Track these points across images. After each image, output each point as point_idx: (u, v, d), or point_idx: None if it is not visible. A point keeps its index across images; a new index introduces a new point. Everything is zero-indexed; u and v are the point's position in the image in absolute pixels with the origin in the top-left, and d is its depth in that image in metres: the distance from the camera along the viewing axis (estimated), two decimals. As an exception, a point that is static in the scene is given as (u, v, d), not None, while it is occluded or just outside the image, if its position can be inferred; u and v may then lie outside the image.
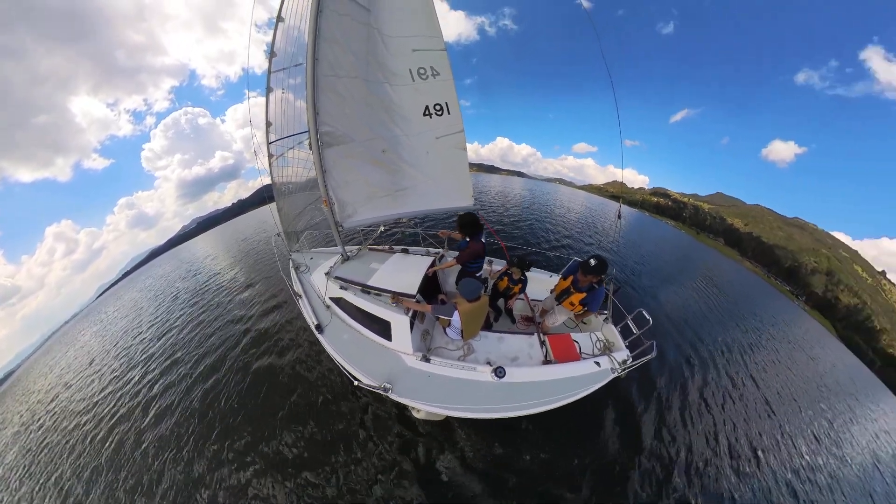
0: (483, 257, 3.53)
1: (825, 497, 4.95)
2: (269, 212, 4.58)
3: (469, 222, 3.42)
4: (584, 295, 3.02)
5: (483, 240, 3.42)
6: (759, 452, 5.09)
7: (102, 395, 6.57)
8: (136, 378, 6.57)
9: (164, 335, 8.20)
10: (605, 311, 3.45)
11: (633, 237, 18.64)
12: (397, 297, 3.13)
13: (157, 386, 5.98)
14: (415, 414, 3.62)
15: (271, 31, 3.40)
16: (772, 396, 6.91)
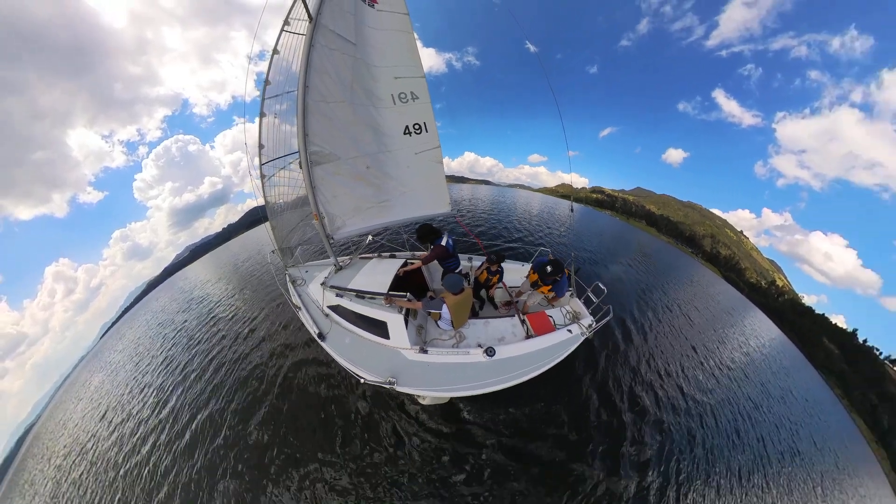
0: (451, 257, 3.43)
1: (727, 367, 7.49)
2: (258, 234, 4.18)
3: (424, 233, 3.39)
4: (551, 286, 3.20)
5: (444, 242, 3.32)
6: (688, 343, 7.34)
7: (117, 461, 5.17)
8: (149, 436, 5.31)
9: (170, 377, 6.80)
10: (570, 288, 3.59)
11: (583, 226, 20.35)
12: (391, 299, 3.00)
13: (162, 443, 4.86)
14: (421, 401, 3.54)
15: (262, 63, 3.24)
16: (691, 314, 9.89)
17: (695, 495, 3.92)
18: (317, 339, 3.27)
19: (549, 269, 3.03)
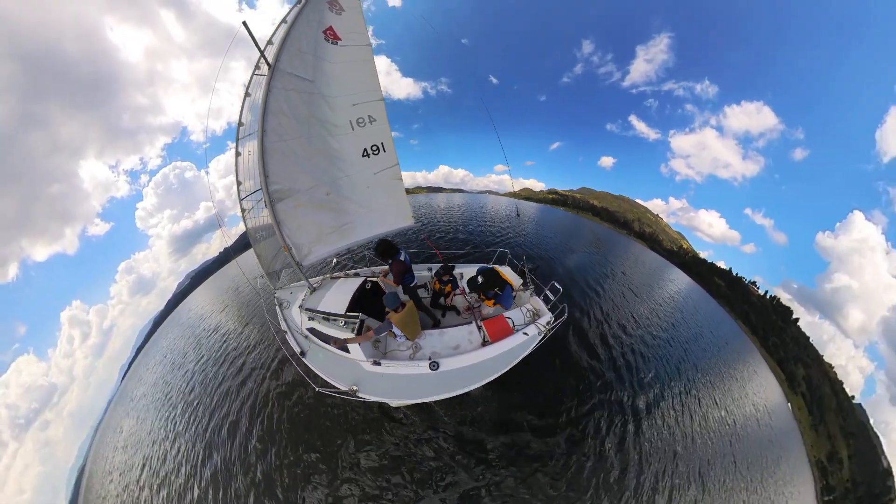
0: (409, 272, 3.18)
1: (659, 303, 9.61)
2: (253, 258, 3.75)
3: (384, 250, 3.13)
4: (494, 301, 2.82)
5: (402, 258, 3.09)
6: (633, 294, 9.18)
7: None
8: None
9: (193, 423, 5.60)
10: (531, 286, 3.29)
11: (545, 222, 21.15)
12: (351, 341, 2.71)
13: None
14: (392, 404, 3.33)
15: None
16: (630, 272, 12.18)
17: (664, 380, 5.41)
18: (299, 356, 3.03)
19: (479, 280, 2.64)
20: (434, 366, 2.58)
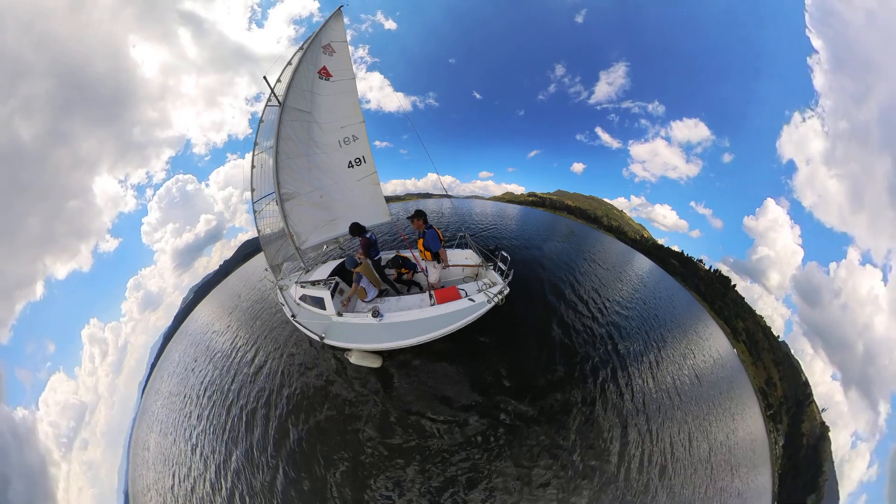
0: (373, 247, 3.69)
1: (627, 281, 10.40)
2: (253, 265, 4.33)
3: (353, 229, 3.68)
4: (422, 240, 3.18)
5: (367, 235, 3.64)
6: (607, 274, 10.20)
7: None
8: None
9: (216, 430, 4.74)
10: (490, 263, 3.46)
11: (526, 222, 21.67)
12: (347, 301, 3.20)
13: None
14: (352, 360, 3.50)
15: (258, 104, 3.55)
16: (601, 259, 12.83)
17: (640, 342, 5.68)
18: (290, 319, 3.58)
19: (413, 210, 3.12)
20: (376, 314, 2.84)
